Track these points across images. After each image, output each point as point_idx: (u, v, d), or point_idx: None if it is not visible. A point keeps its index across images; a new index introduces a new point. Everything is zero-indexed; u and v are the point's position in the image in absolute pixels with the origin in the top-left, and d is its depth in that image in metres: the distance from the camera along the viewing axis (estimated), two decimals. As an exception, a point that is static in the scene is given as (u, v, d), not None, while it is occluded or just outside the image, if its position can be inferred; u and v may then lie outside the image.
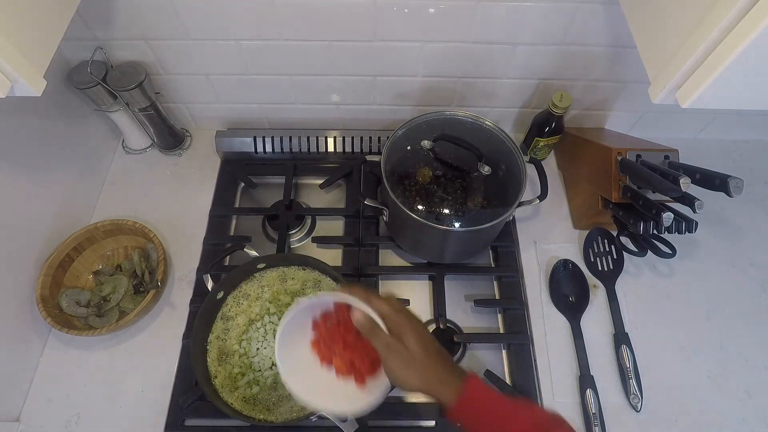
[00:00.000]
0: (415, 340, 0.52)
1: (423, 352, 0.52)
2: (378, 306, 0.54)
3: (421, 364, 0.52)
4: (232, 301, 0.83)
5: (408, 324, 0.53)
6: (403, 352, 0.52)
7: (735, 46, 0.43)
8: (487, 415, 0.52)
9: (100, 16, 0.80)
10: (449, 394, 0.52)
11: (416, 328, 0.53)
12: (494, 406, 0.52)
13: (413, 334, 0.52)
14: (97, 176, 0.99)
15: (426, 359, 0.52)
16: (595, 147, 0.89)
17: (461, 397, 0.51)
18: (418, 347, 0.52)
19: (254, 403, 0.74)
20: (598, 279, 0.90)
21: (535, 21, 0.80)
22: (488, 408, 0.52)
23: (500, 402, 0.53)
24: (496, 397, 0.53)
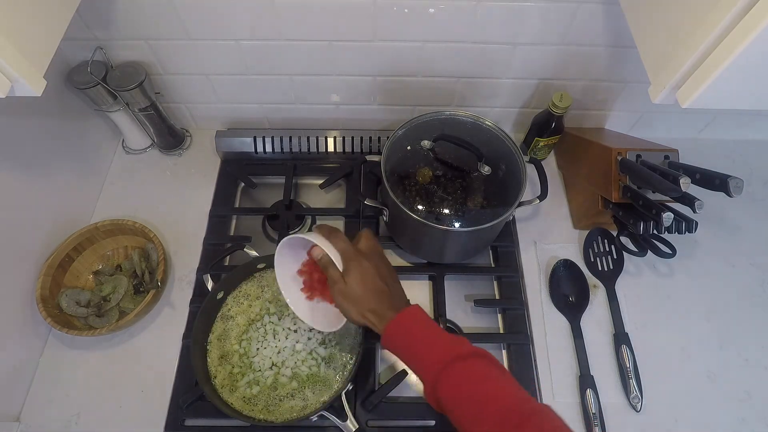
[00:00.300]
0: (356, 275, 0.59)
1: (362, 287, 0.59)
2: (335, 243, 0.62)
3: (358, 298, 0.59)
4: (232, 301, 0.83)
5: (355, 261, 0.60)
6: (342, 286, 0.59)
7: (735, 46, 0.43)
8: (412, 343, 0.57)
9: (100, 16, 0.80)
10: (382, 324, 0.58)
11: (361, 265, 0.60)
12: (420, 334, 0.57)
13: (357, 271, 0.59)
14: (97, 176, 0.99)
15: (363, 294, 0.59)
16: (595, 147, 0.89)
17: (388, 326, 0.57)
18: (357, 282, 0.59)
19: (254, 403, 0.74)
20: (598, 279, 0.90)
21: (535, 21, 0.80)
22: (413, 337, 0.57)
23: (426, 331, 0.57)
24: (424, 327, 0.58)
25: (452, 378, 0.53)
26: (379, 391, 0.77)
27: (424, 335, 0.57)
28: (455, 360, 0.54)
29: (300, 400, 0.74)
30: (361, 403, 0.77)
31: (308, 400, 0.74)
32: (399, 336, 0.58)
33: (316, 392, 0.75)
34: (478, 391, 0.52)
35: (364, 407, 0.76)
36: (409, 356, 0.58)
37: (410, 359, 0.58)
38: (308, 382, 0.75)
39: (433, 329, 0.58)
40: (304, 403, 0.74)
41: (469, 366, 0.54)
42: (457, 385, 0.53)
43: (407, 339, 0.58)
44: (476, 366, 0.54)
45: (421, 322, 0.58)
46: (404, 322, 0.58)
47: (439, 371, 0.53)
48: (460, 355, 0.54)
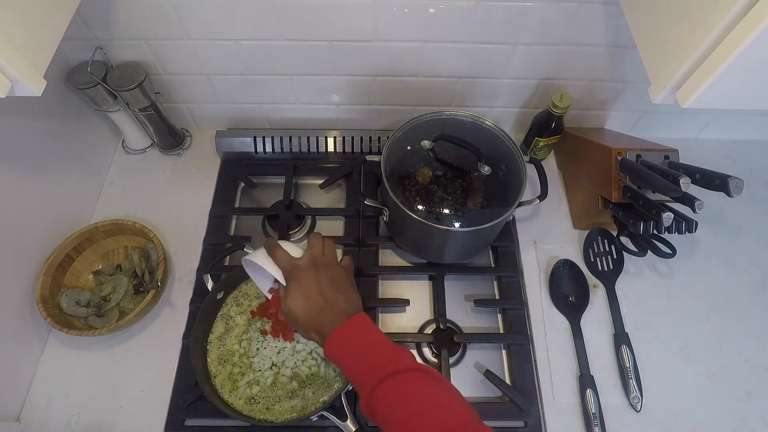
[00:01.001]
0: (294, 295, 0.61)
1: (300, 306, 0.60)
2: (276, 259, 0.64)
3: (297, 318, 0.61)
4: (232, 301, 0.83)
5: (293, 280, 0.62)
6: (284, 306, 0.62)
7: (735, 46, 0.43)
8: (351, 356, 0.57)
9: (100, 16, 0.80)
10: (323, 341, 0.59)
11: (298, 284, 0.62)
12: (359, 347, 0.57)
13: (294, 290, 0.61)
14: (97, 176, 0.99)
15: (302, 313, 0.60)
16: (595, 147, 0.89)
17: (327, 342, 0.58)
18: (294, 302, 0.61)
19: (254, 403, 0.74)
20: (598, 279, 0.90)
21: (535, 21, 0.80)
22: (352, 350, 0.57)
23: (366, 344, 0.57)
24: (364, 340, 0.58)
25: (388, 391, 0.52)
26: (379, 391, 0.77)
27: (364, 348, 0.57)
28: (395, 373, 0.52)
29: (300, 400, 0.74)
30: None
31: (308, 400, 0.74)
32: (338, 350, 0.57)
33: (316, 392, 0.75)
34: (412, 407, 0.51)
35: (364, 407, 0.76)
36: (348, 369, 0.57)
37: (349, 372, 0.57)
38: (308, 382, 0.75)
39: (374, 341, 0.57)
40: (304, 403, 0.74)
41: (408, 379, 0.52)
42: (393, 398, 0.52)
43: (346, 353, 0.57)
44: (415, 381, 0.53)
45: (362, 334, 0.58)
46: (343, 337, 0.57)
47: (375, 384, 0.52)
48: (399, 369, 0.53)
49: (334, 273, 0.65)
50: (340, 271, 0.66)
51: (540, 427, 0.77)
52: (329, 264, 0.65)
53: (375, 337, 0.58)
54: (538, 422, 0.77)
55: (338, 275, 0.65)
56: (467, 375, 0.82)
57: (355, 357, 0.57)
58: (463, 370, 0.82)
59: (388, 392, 0.52)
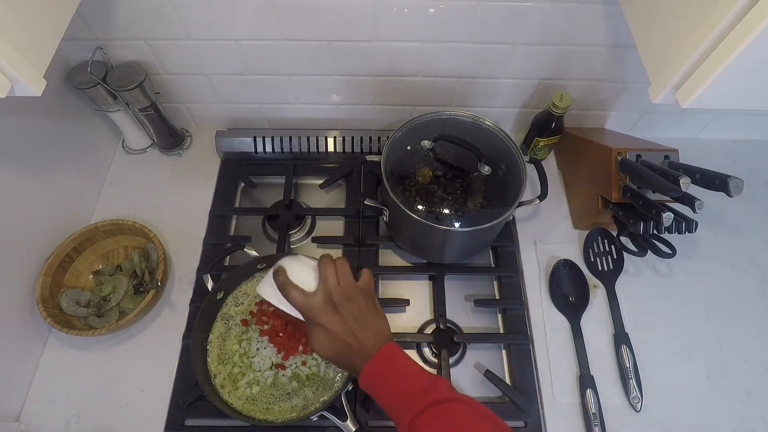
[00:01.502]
0: (317, 341, 0.59)
1: (326, 351, 0.59)
2: (293, 304, 0.61)
3: (327, 357, 0.60)
4: (232, 301, 0.83)
5: (313, 325, 0.60)
6: (311, 346, 0.61)
7: (735, 46, 0.43)
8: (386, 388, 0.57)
9: (100, 16, 0.80)
10: (356, 374, 0.59)
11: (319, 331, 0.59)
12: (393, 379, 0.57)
13: (316, 336, 0.59)
14: (97, 176, 0.99)
15: (330, 356, 0.60)
16: (595, 147, 0.89)
17: (361, 376, 0.57)
18: (320, 347, 0.60)
19: (254, 403, 0.74)
20: (598, 279, 0.90)
21: (535, 21, 0.80)
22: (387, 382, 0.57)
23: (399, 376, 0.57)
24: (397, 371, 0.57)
25: (427, 425, 0.51)
26: (379, 391, 0.77)
27: (398, 380, 0.56)
28: (432, 405, 0.52)
29: (300, 400, 0.74)
30: (361, 403, 0.77)
31: (308, 400, 0.74)
32: (372, 384, 0.57)
33: (316, 392, 0.75)
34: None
35: (364, 407, 0.76)
36: (383, 401, 0.56)
37: (384, 404, 0.56)
38: (308, 382, 0.75)
39: (407, 372, 0.57)
40: (304, 403, 0.74)
41: (446, 411, 0.52)
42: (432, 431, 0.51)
43: (380, 385, 0.57)
44: (453, 412, 0.52)
45: (394, 366, 0.57)
46: (376, 370, 0.57)
47: (413, 417, 0.52)
48: (437, 400, 0.52)
49: (354, 306, 0.60)
50: (360, 301, 0.60)
51: (540, 427, 0.77)
52: (347, 296, 0.60)
53: (408, 368, 0.57)
54: (538, 422, 0.77)
55: (360, 307, 0.60)
56: (467, 375, 0.82)
57: (390, 389, 0.56)
58: (463, 370, 0.82)
59: (426, 426, 0.51)
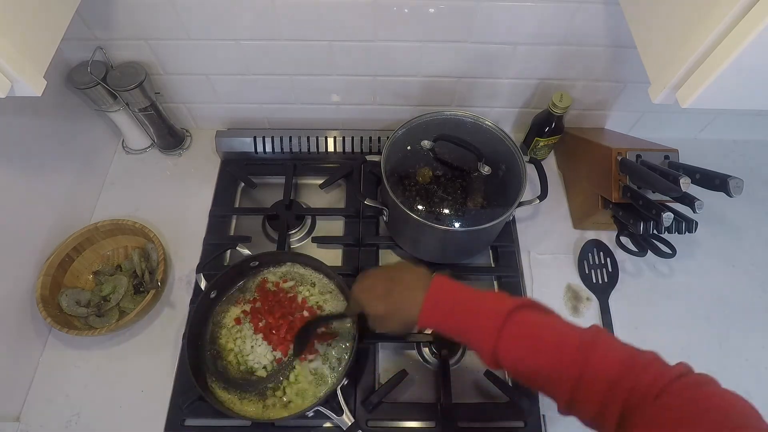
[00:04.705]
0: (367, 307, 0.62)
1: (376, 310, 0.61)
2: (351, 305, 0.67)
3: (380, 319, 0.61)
4: (225, 300, 0.83)
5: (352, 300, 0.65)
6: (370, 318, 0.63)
7: (735, 46, 0.43)
8: (454, 321, 0.57)
9: (100, 16, 0.80)
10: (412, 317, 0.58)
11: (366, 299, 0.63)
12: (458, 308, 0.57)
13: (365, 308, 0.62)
14: (97, 176, 0.99)
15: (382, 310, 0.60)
16: (595, 147, 0.89)
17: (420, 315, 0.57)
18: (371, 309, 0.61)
19: (252, 402, 0.74)
20: (591, 292, 0.89)
21: (536, 21, 0.80)
22: (452, 314, 0.57)
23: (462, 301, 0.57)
24: (457, 299, 0.57)
25: (508, 339, 0.53)
26: (379, 391, 0.77)
27: (461, 307, 0.56)
28: (505, 321, 0.53)
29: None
30: (362, 402, 0.77)
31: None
32: (436, 320, 0.57)
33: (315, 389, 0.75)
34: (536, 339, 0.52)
35: (364, 407, 0.76)
36: (455, 332, 0.57)
37: (457, 334, 0.57)
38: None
39: (466, 297, 0.57)
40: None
41: (519, 321, 0.53)
42: (515, 343, 0.53)
43: (446, 319, 0.57)
44: (525, 318, 0.54)
45: (450, 294, 0.58)
46: (433, 308, 0.57)
47: (494, 337, 0.53)
48: (507, 314, 0.53)
49: (381, 273, 0.65)
50: (383, 269, 0.67)
51: (540, 427, 0.77)
52: (372, 274, 0.65)
53: (465, 292, 0.58)
54: (538, 422, 0.77)
55: (385, 271, 0.65)
56: (467, 375, 0.82)
57: (457, 319, 0.56)
58: (463, 370, 0.82)
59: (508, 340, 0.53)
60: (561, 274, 0.91)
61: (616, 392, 0.46)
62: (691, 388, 0.44)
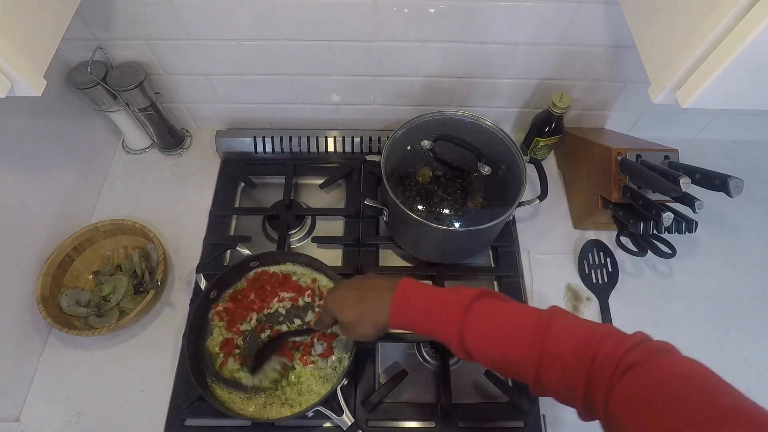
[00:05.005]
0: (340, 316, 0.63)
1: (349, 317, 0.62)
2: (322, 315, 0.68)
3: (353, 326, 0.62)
4: (225, 299, 0.82)
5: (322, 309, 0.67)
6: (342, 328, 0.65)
7: (735, 46, 0.43)
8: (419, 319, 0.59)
9: (100, 16, 0.80)
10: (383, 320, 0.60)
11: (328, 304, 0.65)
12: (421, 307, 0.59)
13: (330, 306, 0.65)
14: (97, 176, 0.99)
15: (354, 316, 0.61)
16: (595, 147, 0.89)
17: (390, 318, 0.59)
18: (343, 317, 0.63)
19: (251, 402, 0.74)
20: (591, 292, 0.89)
21: (536, 21, 0.80)
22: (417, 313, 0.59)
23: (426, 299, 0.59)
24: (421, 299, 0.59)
25: (471, 329, 0.55)
26: (379, 390, 0.77)
27: (427, 304, 0.59)
28: (465, 312, 0.55)
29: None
30: (362, 402, 0.77)
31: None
32: (404, 318, 0.59)
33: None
34: (497, 325, 0.55)
35: (364, 407, 0.76)
36: (423, 329, 0.59)
37: (426, 330, 0.59)
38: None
39: (430, 295, 0.59)
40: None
41: (479, 310, 0.56)
42: (478, 333, 0.55)
43: (413, 316, 0.59)
44: (484, 307, 0.56)
45: (416, 293, 0.60)
46: (400, 306, 0.59)
47: (458, 327, 0.55)
48: (467, 304, 0.56)
49: (350, 283, 0.66)
50: (353, 280, 0.67)
51: (540, 427, 0.77)
52: (342, 286, 0.67)
53: (428, 291, 0.60)
54: (538, 422, 0.77)
55: (354, 281, 0.66)
56: (467, 375, 0.82)
57: (424, 316, 0.58)
58: (463, 370, 0.82)
59: (471, 328, 0.55)
60: (561, 274, 0.91)
61: (575, 369, 0.48)
62: (650, 358, 0.46)
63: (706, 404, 0.39)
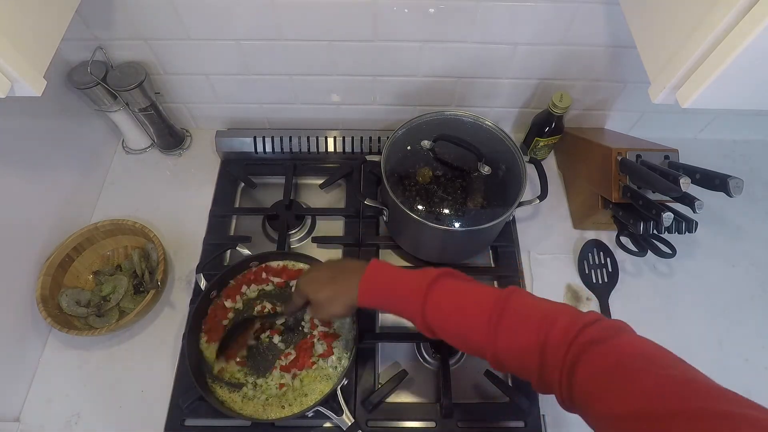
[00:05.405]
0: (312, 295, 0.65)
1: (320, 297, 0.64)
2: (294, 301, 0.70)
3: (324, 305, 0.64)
4: (225, 299, 0.82)
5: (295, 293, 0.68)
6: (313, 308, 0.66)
7: (735, 46, 0.43)
8: (386, 295, 0.61)
9: (100, 16, 0.80)
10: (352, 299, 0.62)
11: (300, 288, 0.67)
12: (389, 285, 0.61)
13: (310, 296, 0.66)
14: (97, 176, 0.99)
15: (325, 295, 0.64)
16: (595, 147, 0.89)
17: (359, 298, 0.61)
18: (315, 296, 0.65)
19: (251, 402, 0.74)
20: (591, 292, 0.89)
21: (535, 21, 0.80)
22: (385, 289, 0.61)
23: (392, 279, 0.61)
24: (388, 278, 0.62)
25: (432, 308, 0.57)
26: (379, 390, 0.77)
27: (393, 283, 0.61)
28: (429, 288, 0.58)
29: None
30: (361, 402, 0.77)
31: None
32: (371, 296, 0.62)
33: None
34: (457, 303, 0.57)
35: (364, 407, 0.76)
36: (389, 306, 0.62)
37: (392, 308, 0.62)
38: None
39: (397, 275, 0.62)
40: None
41: (439, 289, 0.58)
42: (438, 311, 0.57)
43: (380, 295, 0.62)
44: (447, 284, 0.59)
45: (384, 274, 0.62)
46: (368, 285, 0.61)
47: (421, 304, 0.58)
48: (430, 283, 0.58)
49: (324, 265, 0.69)
50: (327, 263, 0.70)
51: (540, 427, 0.77)
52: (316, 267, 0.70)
53: (396, 272, 0.62)
54: (538, 422, 0.77)
55: (328, 264, 0.69)
56: (467, 375, 0.82)
57: (389, 295, 0.61)
58: (463, 370, 0.82)
59: (432, 305, 0.57)
60: (561, 274, 0.91)
61: (529, 347, 0.51)
62: (612, 335, 0.48)
63: (669, 378, 0.42)
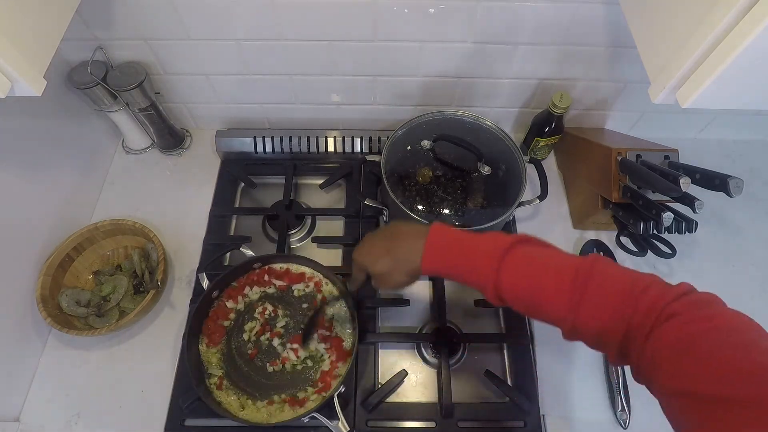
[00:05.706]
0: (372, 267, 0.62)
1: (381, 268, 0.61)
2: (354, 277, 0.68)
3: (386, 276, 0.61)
4: (227, 300, 0.82)
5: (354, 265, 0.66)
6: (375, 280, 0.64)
7: (735, 46, 0.43)
8: (453, 262, 0.58)
9: (100, 16, 0.80)
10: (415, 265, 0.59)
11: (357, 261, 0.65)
12: (456, 250, 0.58)
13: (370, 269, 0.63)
14: (97, 176, 0.99)
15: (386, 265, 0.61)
16: (595, 147, 0.89)
17: (422, 263, 0.58)
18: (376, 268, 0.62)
19: (250, 403, 0.74)
20: None
21: (535, 21, 0.80)
22: (452, 256, 0.58)
23: (460, 245, 0.58)
24: (455, 243, 0.58)
25: (508, 273, 0.54)
26: (379, 391, 0.77)
27: (461, 249, 0.57)
28: (503, 257, 0.54)
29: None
30: (361, 403, 0.77)
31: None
32: (437, 264, 0.58)
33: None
34: (535, 273, 0.53)
35: (364, 407, 0.76)
36: (455, 275, 0.58)
37: (458, 275, 0.58)
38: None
39: (465, 239, 0.58)
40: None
41: (517, 254, 0.54)
42: (514, 277, 0.54)
43: (447, 263, 0.58)
44: (523, 252, 0.55)
45: (449, 239, 0.59)
46: (434, 252, 0.58)
47: (495, 273, 0.54)
48: (504, 250, 0.54)
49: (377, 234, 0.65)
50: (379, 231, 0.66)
51: (540, 427, 0.77)
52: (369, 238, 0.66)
53: (463, 235, 0.59)
54: (538, 422, 0.77)
55: (381, 232, 0.66)
56: (467, 375, 0.82)
57: (458, 260, 0.57)
58: (463, 370, 0.82)
59: (510, 274, 0.54)
60: (561, 274, 0.91)
61: (615, 319, 0.48)
62: (692, 308, 0.46)
63: (737, 360, 0.40)
